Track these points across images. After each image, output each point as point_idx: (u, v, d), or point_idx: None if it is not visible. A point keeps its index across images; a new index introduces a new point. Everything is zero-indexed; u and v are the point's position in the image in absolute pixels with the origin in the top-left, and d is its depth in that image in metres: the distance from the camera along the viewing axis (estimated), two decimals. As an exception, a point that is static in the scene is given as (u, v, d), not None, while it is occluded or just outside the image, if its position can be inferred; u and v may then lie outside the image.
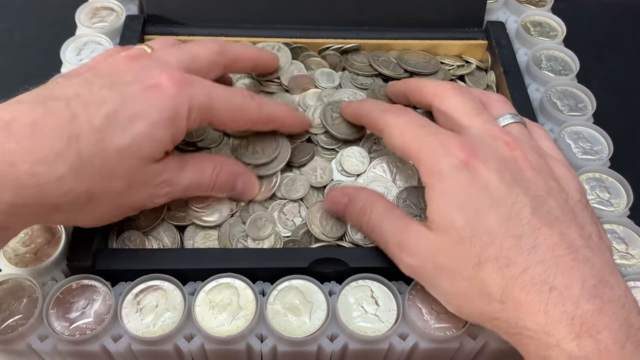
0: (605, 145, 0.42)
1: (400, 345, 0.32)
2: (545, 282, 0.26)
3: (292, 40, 0.46)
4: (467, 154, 0.30)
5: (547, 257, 0.27)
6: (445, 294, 0.30)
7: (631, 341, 0.25)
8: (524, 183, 0.29)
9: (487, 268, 0.28)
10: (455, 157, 0.30)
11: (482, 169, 0.29)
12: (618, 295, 0.26)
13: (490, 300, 0.28)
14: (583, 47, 0.49)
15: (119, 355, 0.32)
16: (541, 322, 0.26)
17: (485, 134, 0.32)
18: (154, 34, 0.46)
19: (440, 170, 0.30)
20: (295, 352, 0.32)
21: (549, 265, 0.27)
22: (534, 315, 0.26)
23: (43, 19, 0.62)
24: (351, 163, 0.40)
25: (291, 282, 0.33)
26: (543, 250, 0.27)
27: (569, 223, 0.28)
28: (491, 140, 0.31)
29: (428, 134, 0.32)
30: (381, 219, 0.33)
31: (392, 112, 0.34)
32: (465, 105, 0.33)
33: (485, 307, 0.28)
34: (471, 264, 0.28)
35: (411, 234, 0.31)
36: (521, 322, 0.27)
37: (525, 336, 0.27)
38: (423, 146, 0.31)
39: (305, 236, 0.37)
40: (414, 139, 0.32)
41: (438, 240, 0.29)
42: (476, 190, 0.29)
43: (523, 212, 0.28)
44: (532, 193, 0.29)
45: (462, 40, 0.47)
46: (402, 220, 0.32)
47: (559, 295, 0.26)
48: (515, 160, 0.30)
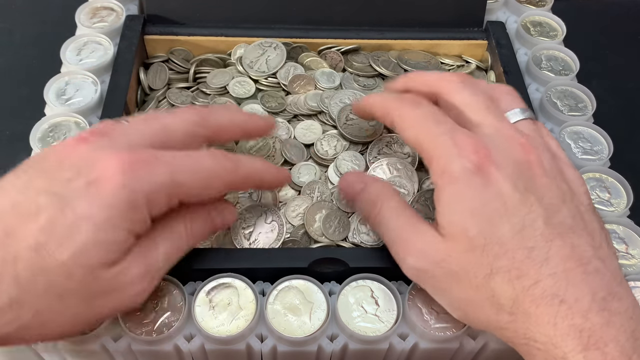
0: (605, 145, 0.42)
1: (400, 345, 0.32)
2: (556, 295, 0.26)
3: (292, 40, 0.46)
4: (481, 157, 0.29)
5: (558, 270, 0.27)
6: (452, 300, 0.30)
7: (638, 353, 0.25)
8: (538, 191, 0.29)
9: (498, 279, 0.27)
10: (469, 160, 0.29)
11: (496, 175, 0.28)
12: (626, 307, 0.26)
13: (499, 310, 0.27)
14: (583, 47, 0.49)
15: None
16: (550, 335, 0.26)
17: (499, 133, 0.30)
18: (154, 34, 0.46)
19: (452, 172, 0.29)
20: (295, 352, 0.32)
21: (559, 278, 0.26)
22: (543, 328, 0.26)
23: (43, 19, 0.62)
24: (346, 166, 0.40)
25: (291, 282, 0.33)
26: (555, 263, 0.27)
27: (581, 232, 0.28)
28: (505, 141, 0.30)
29: (443, 132, 0.30)
30: (391, 215, 0.32)
31: (407, 103, 0.32)
32: (476, 100, 0.32)
33: (493, 317, 0.28)
34: (482, 274, 0.28)
35: (420, 236, 0.30)
36: (529, 334, 0.27)
37: (533, 347, 0.27)
38: (436, 144, 0.30)
39: (305, 236, 0.37)
40: (428, 136, 0.30)
41: (448, 246, 0.29)
42: (489, 198, 0.28)
43: (536, 222, 0.28)
44: (546, 202, 0.28)
45: (462, 40, 0.47)
46: (412, 220, 0.31)
47: (568, 308, 0.26)
48: (530, 165, 0.29)
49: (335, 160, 0.40)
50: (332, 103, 0.42)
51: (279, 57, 0.45)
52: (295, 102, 0.43)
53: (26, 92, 0.55)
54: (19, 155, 0.40)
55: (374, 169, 0.39)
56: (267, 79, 0.44)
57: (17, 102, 0.54)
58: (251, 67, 0.44)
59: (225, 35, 0.46)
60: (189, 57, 0.46)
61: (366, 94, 0.43)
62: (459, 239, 0.28)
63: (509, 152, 0.29)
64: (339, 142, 0.41)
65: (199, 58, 0.46)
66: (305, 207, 0.38)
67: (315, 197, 0.39)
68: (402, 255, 0.31)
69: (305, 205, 0.38)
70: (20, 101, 0.54)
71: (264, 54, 0.45)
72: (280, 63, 0.44)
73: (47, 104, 0.41)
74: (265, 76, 0.44)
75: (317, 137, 0.41)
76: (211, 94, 0.43)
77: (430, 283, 0.30)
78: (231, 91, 0.43)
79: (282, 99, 0.44)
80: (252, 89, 0.44)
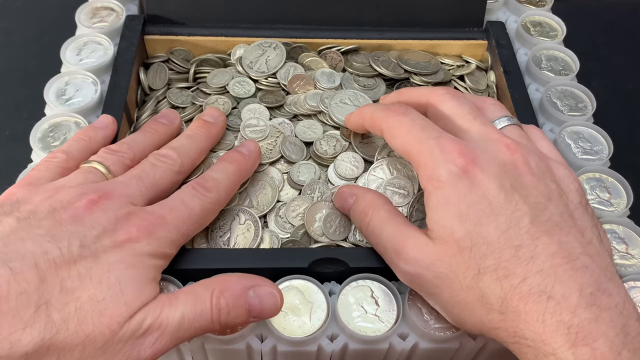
0: (605, 145, 0.42)
1: (400, 345, 0.32)
2: (543, 292, 0.26)
3: (292, 40, 0.46)
4: (467, 161, 0.30)
5: (545, 267, 0.27)
6: (445, 303, 0.30)
7: (628, 348, 0.25)
8: (524, 190, 0.29)
9: (486, 279, 0.28)
10: (454, 164, 0.30)
11: (481, 176, 0.29)
12: (616, 302, 0.26)
13: (489, 310, 0.28)
14: (583, 47, 0.49)
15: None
16: (538, 332, 0.26)
17: (485, 137, 0.31)
18: (154, 34, 0.46)
19: (438, 177, 0.30)
20: (295, 352, 0.32)
21: (547, 274, 0.27)
22: (532, 325, 0.26)
23: (43, 19, 0.62)
24: (345, 167, 0.40)
25: (291, 282, 0.33)
26: (542, 260, 0.27)
27: (569, 230, 0.28)
28: (491, 143, 0.31)
29: (429, 138, 0.31)
30: (382, 224, 0.32)
31: (394, 111, 0.34)
32: (462, 109, 0.33)
33: (484, 317, 0.28)
34: (470, 275, 0.28)
35: (410, 241, 0.30)
36: (519, 332, 0.27)
37: (524, 345, 0.27)
38: (423, 150, 0.31)
39: (305, 236, 0.37)
40: (414, 142, 0.32)
41: (438, 250, 0.29)
42: (475, 199, 0.29)
43: (522, 221, 0.28)
44: (531, 200, 0.29)
45: (462, 40, 0.47)
46: (403, 227, 0.32)
47: (556, 304, 0.26)
48: (515, 165, 0.30)
49: (335, 160, 0.40)
50: (332, 103, 0.42)
51: (278, 57, 0.45)
52: (295, 101, 0.43)
53: (26, 92, 0.55)
54: (19, 155, 0.40)
55: (374, 169, 0.39)
56: (267, 79, 0.44)
57: (17, 102, 0.54)
58: (251, 67, 0.44)
59: (225, 35, 0.46)
60: (189, 57, 0.46)
61: (366, 94, 0.43)
62: (448, 242, 0.29)
63: (494, 154, 0.30)
64: (339, 142, 0.41)
65: (199, 58, 0.46)
66: (305, 207, 0.38)
67: (315, 197, 0.39)
68: (395, 261, 0.31)
69: (305, 205, 0.38)
70: (20, 101, 0.54)
71: (264, 54, 0.45)
72: (280, 63, 0.44)
73: (47, 104, 0.41)
74: (265, 76, 0.44)
75: (317, 137, 0.41)
76: (211, 94, 0.44)
77: (424, 287, 0.30)
78: (231, 91, 0.43)
79: (282, 97, 0.44)
80: (252, 89, 0.44)
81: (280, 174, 0.40)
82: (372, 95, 0.44)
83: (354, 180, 0.39)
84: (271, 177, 0.39)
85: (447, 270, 0.29)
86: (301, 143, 0.41)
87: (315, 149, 0.41)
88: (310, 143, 0.41)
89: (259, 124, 0.41)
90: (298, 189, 0.39)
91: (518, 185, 0.29)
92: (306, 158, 0.41)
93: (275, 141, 0.41)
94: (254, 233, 0.36)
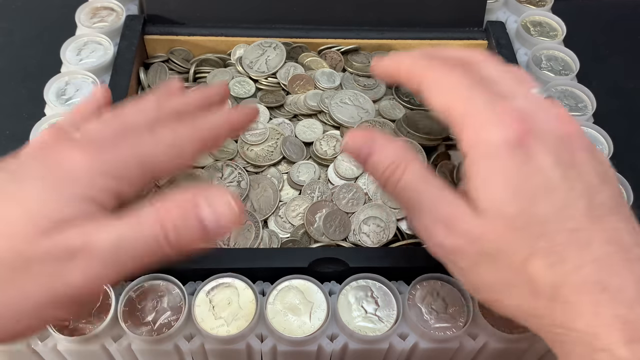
0: (605, 145, 0.42)
1: (400, 345, 0.32)
2: (598, 283, 0.24)
3: (292, 40, 0.46)
4: (523, 128, 0.26)
5: (600, 255, 0.25)
6: (482, 282, 0.27)
7: None
8: (579, 167, 0.26)
9: (537, 263, 0.25)
10: (511, 130, 0.26)
11: (537, 148, 0.26)
12: None
13: (536, 296, 0.25)
14: (583, 47, 0.49)
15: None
16: (591, 324, 0.24)
17: (535, 105, 0.27)
18: (154, 34, 0.46)
19: (488, 143, 0.26)
20: (295, 352, 0.32)
21: (602, 264, 0.25)
22: (584, 317, 0.24)
23: (43, 19, 0.62)
24: (345, 167, 0.40)
25: (291, 282, 0.33)
26: (596, 247, 0.25)
27: (620, 217, 0.26)
28: (543, 113, 0.27)
29: (479, 97, 0.27)
30: (418, 183, 0.28)
31: (438, 64, 0.29)
32: (506, 73, 0.29)
33: (528, 303, 0.26)
34: (520, 256, 0.25)
35: (452, 209, 0.27)
36: (567, 323, 0.25)
37: (571, 337, 0.25)
38: (470, 111, 0.27)
39: (305, 236, 0.37)
40: (462, 101, 0.27)
41: (485, 224, 0.26)
42: (530, 173, 0.25)
43: (579, 202, 0.25)
44: (586, 179, 0.26)
45: (462, 40, 0.47)
46: (445, 192, 0.27)
47: (612, 297, 0.24)
48: (570, 138, 0.27)
49: (335, 160, 0.40)
50: (332, 103, 0.42)
51: (278, 57, 0.45)
52: (295, 101, 0.43)
53: (26, 92, 0.55)
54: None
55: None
56: (267, 79, 0.44)
57: (17, 102, 0.54)
58: (251, 67, 0.44)
59: (225, 35, 0.46)
60: (189, 57, 0.46)
61: (366, 94, 0.43)
62: (497, 217, 0.26)
63: (548, 125, 0.27)
64: (338, 142, 0.41)
65: (199, 58, 0.46)
66: (305, 207, 0.38)
67: (315, 196, 0.39)
68: (430, 229, 0.27)
69: (305, 205, 0.38)
70: (20, 101, 0.54)
71: (264, 54, 0.45)
72: (280, 63, 0.44)
73: (47, 104, 0.41)
74: (265, 76, 0.44)
75: (317, 137, 0.41)
76: (211, 93, 0.44)
77: (459, 263, 0.27)
78: (231, 91, 0.43)
79: (282, 97, 0.44)
80: (252, 89, 0.44)
81: (280, 174, 0.40)
82: (372, 95, 0.44)
83: (354, 180, 0.39)
84: (271, 178, 0.39)
85: (493, 247, 0.26)
86: (301, 143, 0.41)
87: (315, 149, 0.41)
88: (310, 143, 0.41)
89: (258, 126, 0.41)
90: (298, 189, 0.39)
91: (574, 162, 0.26)
92: (306, 158, 0.41)
93: (275, 143, 0.41)
94: (254, 233, 0.36)
